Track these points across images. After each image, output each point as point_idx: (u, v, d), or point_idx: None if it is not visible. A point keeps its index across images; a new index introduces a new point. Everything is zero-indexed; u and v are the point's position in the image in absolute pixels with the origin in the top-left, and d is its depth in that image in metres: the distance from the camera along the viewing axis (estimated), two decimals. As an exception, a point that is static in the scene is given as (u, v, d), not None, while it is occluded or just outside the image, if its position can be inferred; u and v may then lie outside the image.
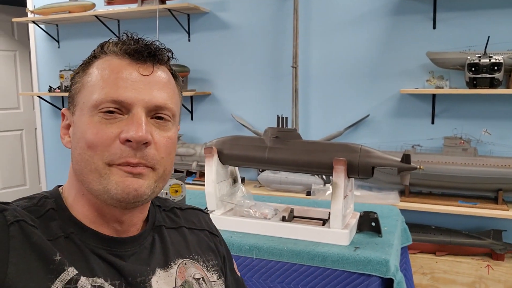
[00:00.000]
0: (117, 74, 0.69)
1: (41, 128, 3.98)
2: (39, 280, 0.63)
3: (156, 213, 0.84)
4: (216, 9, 3.21)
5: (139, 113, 0.68)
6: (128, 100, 0.68)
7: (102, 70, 0.70)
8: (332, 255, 1.39)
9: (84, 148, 0.68)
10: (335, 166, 1.48)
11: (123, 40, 0.73)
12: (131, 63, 0.71)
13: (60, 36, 3.77)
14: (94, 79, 0.70)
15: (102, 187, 0.68)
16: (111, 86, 0.68)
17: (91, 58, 0.74)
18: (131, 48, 0.71)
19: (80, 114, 0.71)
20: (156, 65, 0.73)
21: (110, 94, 0.68)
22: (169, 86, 0.74)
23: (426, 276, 2.52)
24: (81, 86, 0.72)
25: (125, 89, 0.68)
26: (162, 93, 0.71)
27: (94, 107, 0.68)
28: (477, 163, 2.46)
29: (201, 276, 0.81)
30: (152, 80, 0.71)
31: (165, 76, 0.74)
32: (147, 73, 0.71)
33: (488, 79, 2.40)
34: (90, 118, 0.69)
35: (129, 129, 0.67)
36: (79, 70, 0.74)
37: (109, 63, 0.71)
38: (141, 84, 0.70)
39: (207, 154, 1.66)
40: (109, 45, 0.73)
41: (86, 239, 0.71)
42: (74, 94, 0.73)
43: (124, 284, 0.70)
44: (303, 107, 3.03)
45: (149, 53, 0.71)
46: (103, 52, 0.73)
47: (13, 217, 0.66)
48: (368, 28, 2.83)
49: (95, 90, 0.69)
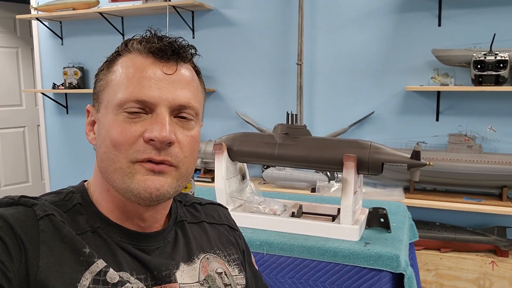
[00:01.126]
0: (141, 73, 0.69)
1: (45, 125, 3.98)
2: (71, 271, 0.65)
3: (178, 209, 0.85)
4: (220, 6, 3.21)
5: (163, 113, 0.68)
6: (152, 100, 0.68)
7: (126, 69, 0.70)
8: (342, 251, 1.40)
9: (109, 147, 0.69)
10: (345, 162, 1.49)
11: (146, 37, 0.73)
12: (155, 62, 0.70)
13: (64, 33, 3.77)
14: (119, 77, 0.70)
15: (126, 186, 0.69)
16: (135, 85, 0.69)
17: (115, 55, 0.74)
18: (155, 47, 0.70)
19: (105, 112, 0.71)
20: (180, 63, 0.72)
21: (134, 94, 0.68)
22: (192, 84, 0.74)
23: (430, 272, 2.53)
24: (106, 84, 0.72)
25: (149, 89, 0.68)
26: (186, 92, 0.71)
27: (119, 106, 0.69)
28: (482, 160, 2.47)
29: (223, 270, 0.82)
30: (176, 79, 0.71)
31: (189, 74, 0.74)
32: (171, 72, 0.71)
33: (493, 76, 2.41)
34: (114, 117, 0.69)
35: (153, 129, 0.67)
36: (103, 67, 0.75)
37: (133, 61, 0.71)
38: (165, 83, 0.69)
39: (217, 150, 1.67)
40: (133, 43, 0.73)
41: (112, 234, 0.72)
42: (98, 92, 0.74)
43: (149, 278, 0.71)
44: (307, 104, 3.04)
45: (173, 52, 0.71)
46: (127, 50, 0.73)
47: (42, 211, 0.67)
48: (373, 25, 2.83)
49: (119, 88, 0.69)
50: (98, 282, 0.66)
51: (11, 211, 0.66)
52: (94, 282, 0.65)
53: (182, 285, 0.74)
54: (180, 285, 0.74)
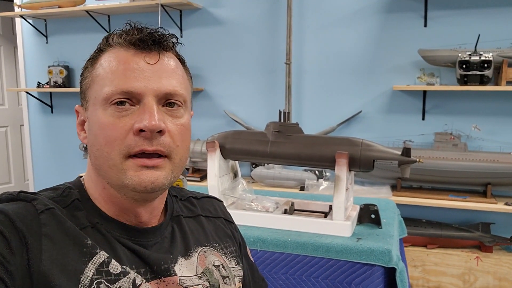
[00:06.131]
0: (124, 65, 0.69)
1: (29, 125, 3.92)
2: (74, 263, 0.65)
3: (174, 204, 0.86)
4: (209, 5, 3.21)
5: (150, 102, 0.68)
6: (138, 90, 0.68)
7: (109, 63, 0.70)
8: (335, 246, 1.42)
9: (101, 144, 0.69)
10: (338, 159, 1.51)
11: (126, 30, 0.72)
12: (136, 53, 0.70)
13: (49, 31, 3.71)
14: (103, 72, 0.70)
15: (120, 182, 0.69)
16: (120, 77, 0.68)
17: (97, 52, 0.74)
18: (135, 38, 0.70)
19: (93, 109, 0.71)
20: (162, 52, 0.72)
21: (120, 86, 0.68)
22: (177, 71, 0.73)
23: (417, 268, 2.57)
24: (91, 81, 0.72)
25: (134, 79, 0.68)
26: (171, 80, 0.71)
27: (106, 100, 0.69)
28: (467, 158, 2.52)
29: (221, 263, 0.83)
30: (159, 68, 0.71)
31: (173, 63, 0.73)
32: (154, 62, 0.70)
33: (478, 76, 2.47)
34: (103, 112, 0.69)
35: (141, 119, 0.67)
36: (87, 65, 0.74)
37: (115, 55, 0.71)
38: (149, 72, 0.69)
39: (209, 148, 1.67)
40: (114, 37, 0.72)
41: (111, 229, 0.72)
42: (85, 90, 0.74)
43: (149, 272, 0.72)
44: (296, 103, 3.06)
45: (154, 41, 0.71)
46: (108, 45, 0.72)
47: (43, 205, 0.68)
48: (361, 26, 2.87)
49: (105, 83, 0.69)
50: (101, 273, 0.66)
51: (12, 206, 0.66)
52: (97, 273, 0.66)
53: (182, 278, 0.75)
54: (180, 278, 0.75)
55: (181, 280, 0.75)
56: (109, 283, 0.66)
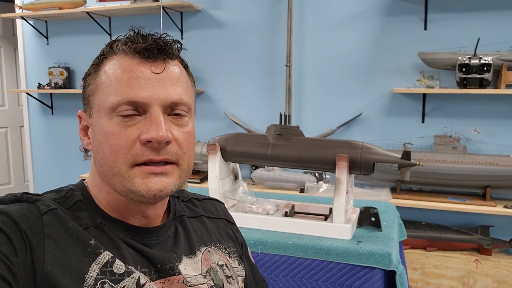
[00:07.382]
0: (129, 73, 0.69)
1: (29, 126, 3.92)
2: (78, 263, 0.66)
3: (176, 204, 0.87)
4: (209, 7, 3.22)
5: (156, 112, 0.68)
6: (144, 99, 0.68)
7: (114, 71, 0.70)
8: (336, 249, 1.43)
9: (106, 153, 0.69)
10: (338, 162, 1.52)
11: (131, 37, 0.72)
12: (142, 62, 0.70)
13: (49, 33, 3.72)
14: (107, 80, 0.70)
15: (126, 188, 0.69)
16: (126, 86, 0.68)
17: (101, 58, 0.73)
18: (140, 47, 0.69)
19: (97, 116, 0.71)
20: (167, 61, 0.72)
21: (125, 95, 0.68)
22: (182, 79, 0.74)
23: (417, 271, 2.58)
24: (95, 88, 0.72)
25: (139, 89, 0.68)
26: (177, 89, 0.71)
27: (112, 110, 0.69)
28: (466, 161, 2.53)
29: (224, 262, 0.84)
30: (165, 77, 0.70)
31: (178, 70, 0.73)
32: (159, 71, 0.70)
33: (478, 79, 2.48)
34: (108, 121, 0.69)
35: (149, 130, 0.67)
36: (90, 71, 0.74)
37: (120, 62, 0.70)
38: (155, 81, 0.69)
39: (210, 150, 1.68)
40: (118, 44, 0.72)
41: (115, 229, 0.73)
42: (88, 96, 0.73)
43: (153, 271, 0.73)
44: (296, 105, 3.06)
45: (159, 50, 0.70)
46: (112, 52, 0.72)
47: (46, 206, 0.68)
48: (361, 28, 2.88)
49: (110, 91, 0.69)
50: (105, 273, 0.67)
51: (15, 207, 0.67)
52: (102, 273, 0.66)
53: (186, 276, 0.76)
54: (184, 277, 0.75)
55: (186, 279, 0.75)
56: (113, 283, 0.67)
